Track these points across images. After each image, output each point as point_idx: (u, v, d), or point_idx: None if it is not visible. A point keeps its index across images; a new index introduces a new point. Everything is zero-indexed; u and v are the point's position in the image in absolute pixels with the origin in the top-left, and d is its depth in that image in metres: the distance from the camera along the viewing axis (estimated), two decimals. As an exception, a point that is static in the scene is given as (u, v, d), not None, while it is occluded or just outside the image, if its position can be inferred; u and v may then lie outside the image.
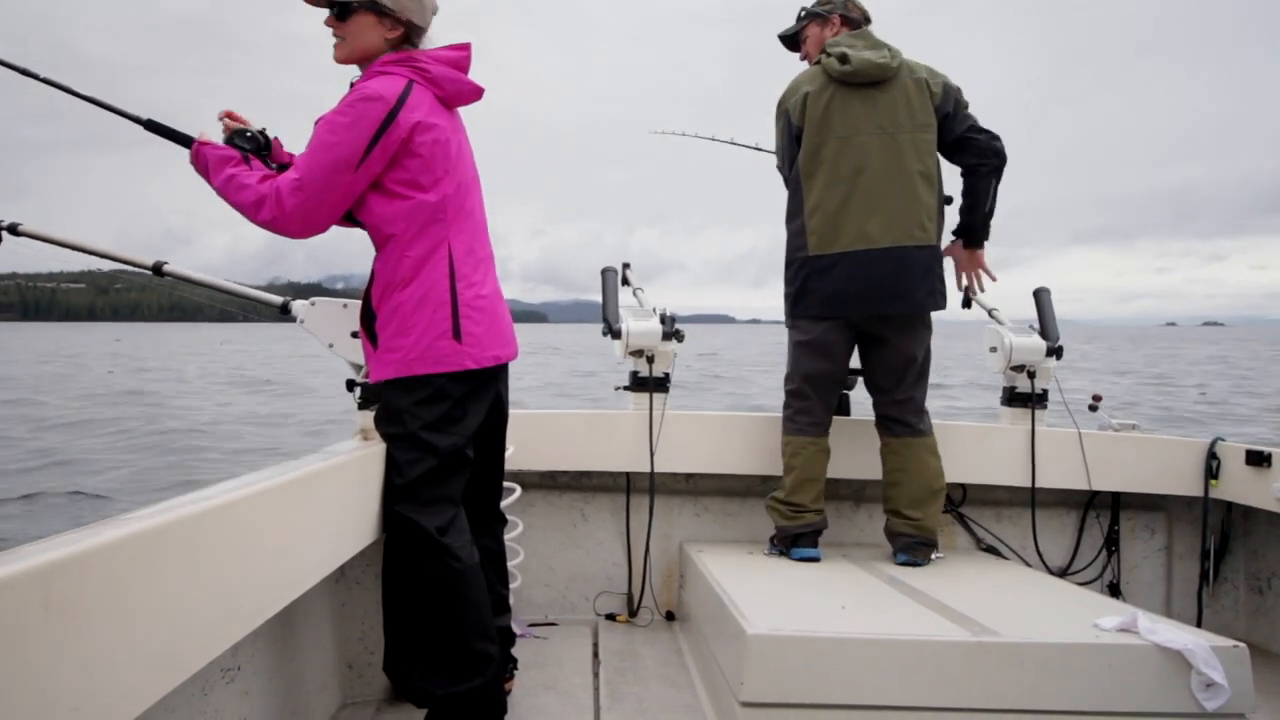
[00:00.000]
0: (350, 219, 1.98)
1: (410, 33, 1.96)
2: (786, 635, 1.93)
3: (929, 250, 2.66)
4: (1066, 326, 3.19)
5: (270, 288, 2.22)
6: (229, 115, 2.03)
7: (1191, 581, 3.16)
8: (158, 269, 2.09)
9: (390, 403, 1.92)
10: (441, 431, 1.90)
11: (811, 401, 2.80)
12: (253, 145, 1.95)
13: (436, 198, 1.89)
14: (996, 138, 2.68)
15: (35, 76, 1.97)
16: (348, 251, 2.13)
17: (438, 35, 2.05)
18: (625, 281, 3.25)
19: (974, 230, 2.80)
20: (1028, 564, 3.07)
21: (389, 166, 1.86)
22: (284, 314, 2.14)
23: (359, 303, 2.11)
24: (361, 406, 2.16)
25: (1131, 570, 3.21)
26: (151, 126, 2.00)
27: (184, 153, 1.99)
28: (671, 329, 2.98)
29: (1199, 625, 2.99)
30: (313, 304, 2.14)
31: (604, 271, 3.19)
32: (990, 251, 2.92)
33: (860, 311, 2.67)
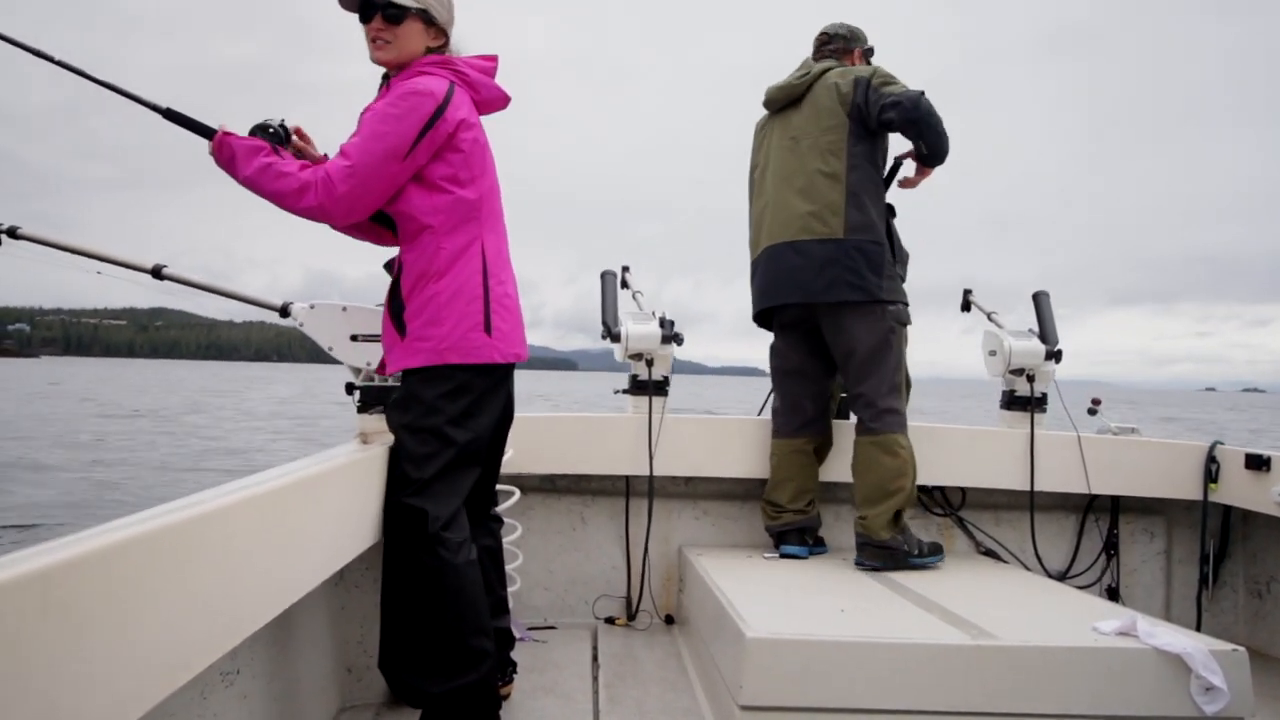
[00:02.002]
0: (376, 215, 2.01)
1: (446, 40, 2.05)
2: (785, 638, 1.92)
3: (832, 244, 2.71)
4: (1101, 390, 3.16)
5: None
6: (298, 133, 2.04)
7: (1191, 585, 3.16)
8: (157, 272, 2.08)
9: (415, 394, 1.93)
10: (461, 426, 1.94)
11: (781, 403, 2.97)
12: (276, 139, 1.96)
13: (475, 195, 1.97)
14: (912, 107, 2.62)
15: (50, 59, 1.91)
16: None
17: (463, 45, 2.12)
18: (625, 285, 3.25)
19: (924, 159, 2.80)
20: (1027, 567, 3.07)
21: (431, 160, 1.92)
22: (284, 316, 2.14)
23: (359, 306, 2.12)
24: (360, 410, 2.16)
25: (1131, 574, 3.21)
26: (170, 115, 1.96)
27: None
28: (671, 332, 2.99)
29: (1198, 629, 2.99)
30: (312, 307, 2.14)
31: (603, 275, 3.19)
32: (1023, 312, 3.19)
33: (771, 303, 2.86)
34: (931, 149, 2.73)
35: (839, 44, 2.95)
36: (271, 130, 1.96)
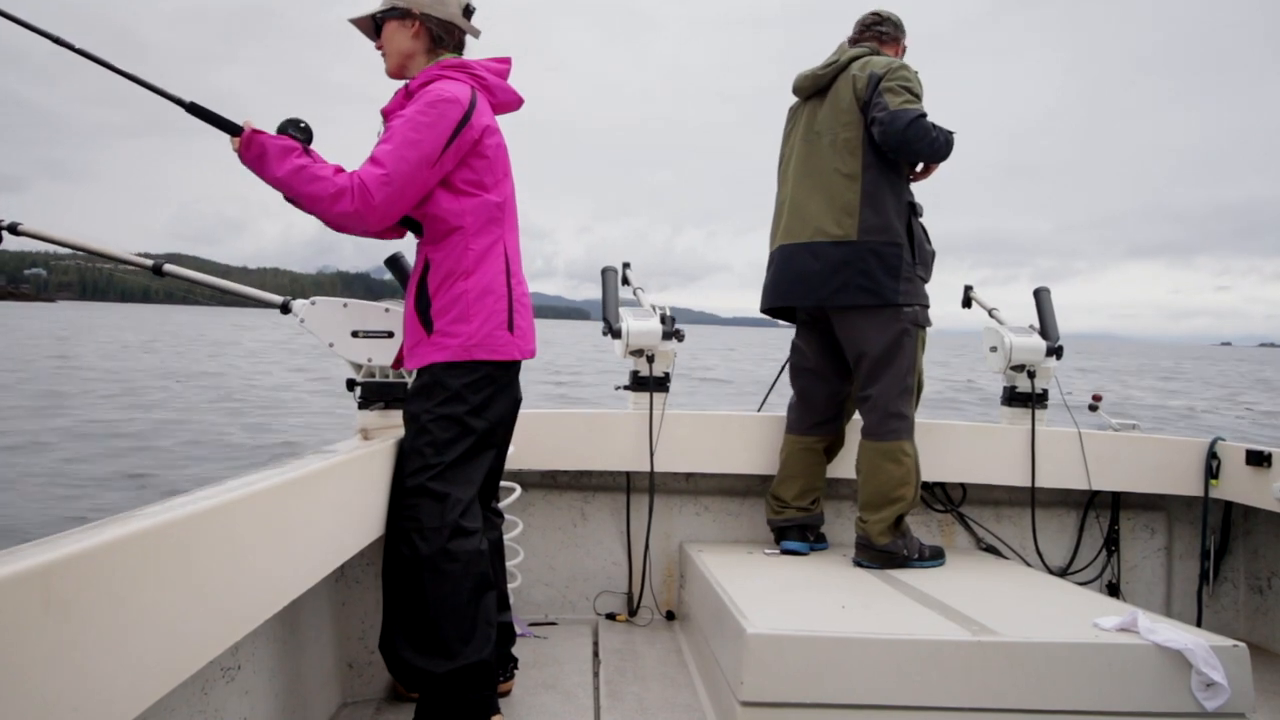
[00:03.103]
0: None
1: (430, 26, 2.01)
2: (786, 635, 1.93)
3: (846, 246, 2.66)
4: (1116, 344, 3.10)
5: (320, 277, 2.24)
6: None
7: (1191, 581, 3.16)
8: (158, 269, 2.09)
9: (441, 382, 1.95)
10: (480, 416, 1.98)
11: (797, 399, 2.96)
12: (305, 137, 1.93)
13: (499, 198, 2.02)
14: (894, 132, 2.55)
15: (70, 47, 1.83)
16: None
17: (476, 45, 2.14)
18: (625, 281, 3.25)
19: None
20: (1028, 564, 3.07)
21: (458, 166, 1.95)
22: (285, 313, 2.14)
23: (359, 302, 2.12)
24: (362, 406, 2.16)
25: (1131, 570, 3.21)
26: (194, 110, 1.92)
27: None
28: (671, 329, 2.99)
29: (1199, 625, 3.00)
30: (313, 303, 2.14)
31: (604, 271, 3.20)
32: (1040, 263, 3.01)
33: (780, 303, 2.86)
34: (928, 158, 2.69)
35: (889, 29, 2.84)
36: (303, 126, 1.93)
